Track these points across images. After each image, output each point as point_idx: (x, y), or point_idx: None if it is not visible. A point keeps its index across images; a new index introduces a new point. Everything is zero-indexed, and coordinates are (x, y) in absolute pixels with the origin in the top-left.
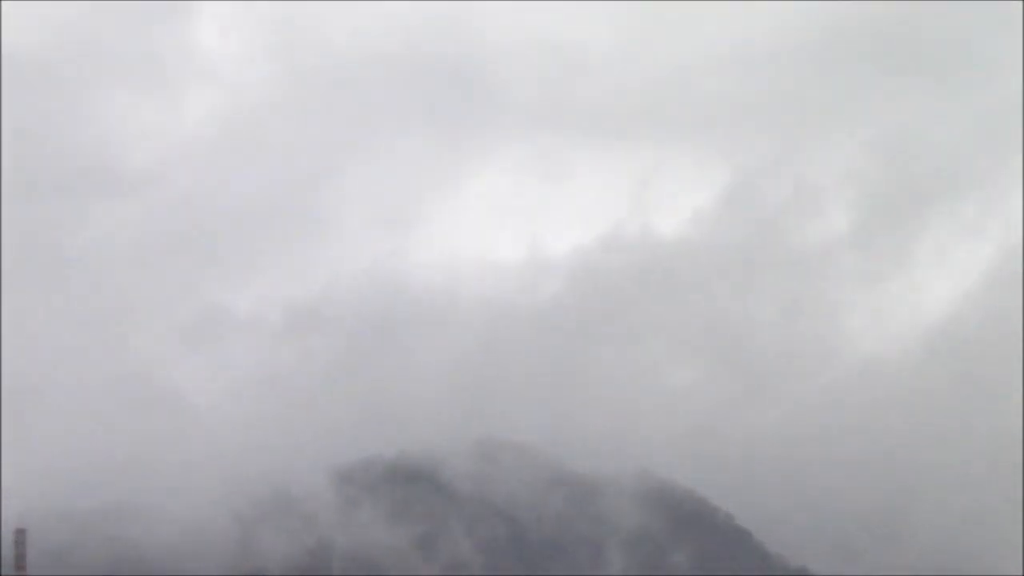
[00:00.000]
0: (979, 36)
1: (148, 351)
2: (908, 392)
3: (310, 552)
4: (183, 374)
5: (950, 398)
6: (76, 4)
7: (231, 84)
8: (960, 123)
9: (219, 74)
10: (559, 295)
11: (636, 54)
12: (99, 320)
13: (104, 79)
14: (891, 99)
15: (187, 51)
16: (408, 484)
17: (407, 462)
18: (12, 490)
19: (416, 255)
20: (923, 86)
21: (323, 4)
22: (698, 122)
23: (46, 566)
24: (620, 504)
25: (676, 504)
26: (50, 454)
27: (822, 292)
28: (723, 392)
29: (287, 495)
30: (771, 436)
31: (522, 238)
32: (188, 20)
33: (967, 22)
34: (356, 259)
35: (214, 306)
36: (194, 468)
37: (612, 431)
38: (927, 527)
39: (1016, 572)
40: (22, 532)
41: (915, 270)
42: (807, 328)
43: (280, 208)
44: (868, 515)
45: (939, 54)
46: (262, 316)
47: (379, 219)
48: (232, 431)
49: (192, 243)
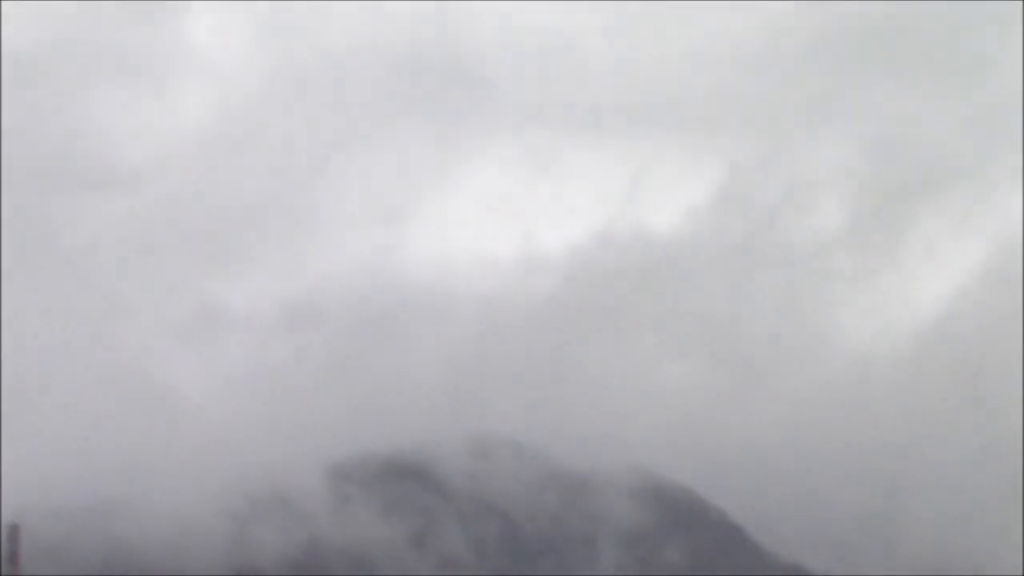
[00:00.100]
0: (972, 34)
1: (142, 347)
2: (902, 388)
3: (304, 548)
4: (177, 370)
5: (945, 394)
6: (69, 1)
7: (225, 80)
8: (954, 120)
9: (213, 70)
10: (553, 292)
11: (630, 51)
12: (92, 316)
13: (97, 75)
14: (885, 96)
15: (180, 47)
16: (402, 481)
17: (401, 459)
18: (5, 487)
19: (410, 251)
20: (917, 84)
21: (316, 1)
22: (692, 119)
23: (40, 563)
24: (614, 501)
25: (670, 501)
26: (43, 451)
27: (817, 289)
28: (717, 388)
29: (281, 491)
30: (765, 433)
31: (516, 235)
32: (182, 16)
33: (961, 20)
34: (350, 255)
35: (208, 302)
36: (188, 464)
37: (606, 428)
38: (922, 524)
39: (1011, 570)
40: (16, 528)
41: (909, 267)
42: (801, 325)
43: (274, 204)
44: (863, 512)
45: (933, 52)
46: (256, 312)
47: (373, 215)
48: (226, 427)
49: (186, 239)
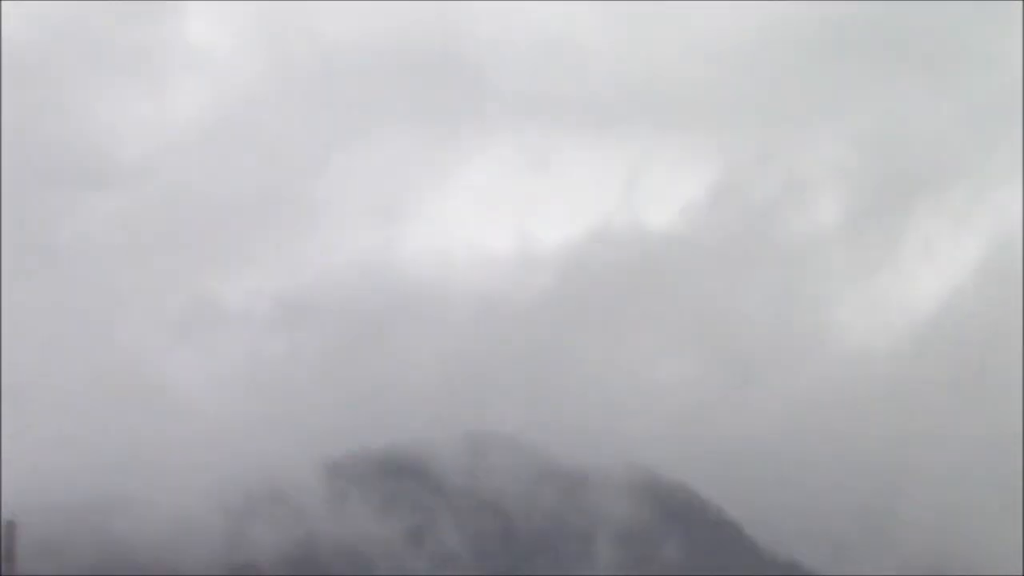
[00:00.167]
0: (967, 29)
1: (137, 344)
2: (899, 385)
3: (299, 545)
4: (173, 367)
5: (941, 391)
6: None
7: (222, 77)
8: (949, 116)
9: (209, 66)
10: (549, 288)
11: (626, 47)
12: (87, 312)
13: (93, 72)
14: (880, 92)
15: (177, 43)
16: (398, 477)
17: (397, 455)
18: (1, 483)
19: (405, 247)
20: (912, 80)
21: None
22: (688, 116)
23: (36, 560)
24: (611, 497)
25: (666, 497)
26: (39, 447)
27: (812, 285)
28: (714, 385)
29: (277, 488)
30: (761, 429)
31: (512, 231)
32: (178, 13)
33: (956, 15)
34: (345, 251)
35: (203, 298)
36: (184, 461)
37: (602, 424)
38: (919, 522)
39: (1008, 568)
40: (12, 526)
41: (905, 263)
42: (797, 321)
43: (270, 200)
44: (859, 509)
45: (928, 48)
46: (251, 308)
47: (369, 211)
48: (223, 424)
49: (182, 236)
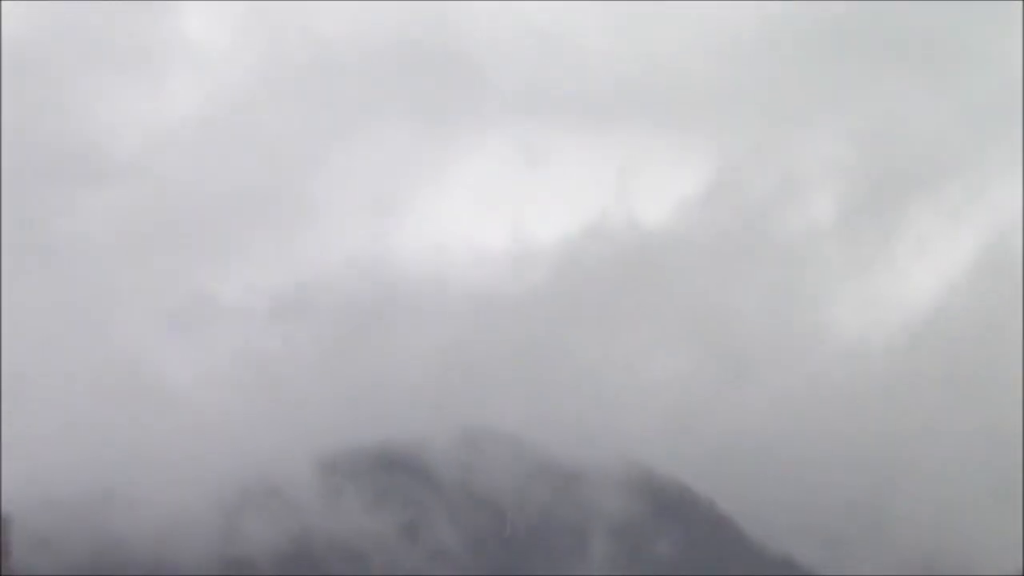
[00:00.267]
0: (963, 27)
1: (133, 339)
2: (893, 381)
3: (294, 539)
4: (168, 362)
5: (935, 387)
6: None
7: (217, 72)
8: (944, 113)
9: (205, 63)
10: (544, 284)
11: (622, 43)
12: (84, 308)
13: (91, 68)
14: (876, 90)
15: (173, 40)
16: (392, 472)
17: (391, 450)
18: None
19: (401, 243)
20: (907, 77)
21: None
22: (683, 112)
23: (31, 554)
24: (604, 492)
25: (660, 492)
26: (35, 443)
27: (808, 282)
28: (708, 381)
29: (272, 483)
30: (755, 425)
31: (508, 227)
32: (175, 10)
33: (951, 13)
34: (341, 247)
35: (199, 294)
36: (178, 456)
37: (597, 420)
38: (912, 517)
39: (1001, 563)
40: (7, 520)
41: (900, 260)
42: (792, 318)
43: (266, 196)
44: (852, 505)
45: (923, 45)
46: (248, 304)
47: (364, 207)
48: (217, 420)
49: (178, 231)
